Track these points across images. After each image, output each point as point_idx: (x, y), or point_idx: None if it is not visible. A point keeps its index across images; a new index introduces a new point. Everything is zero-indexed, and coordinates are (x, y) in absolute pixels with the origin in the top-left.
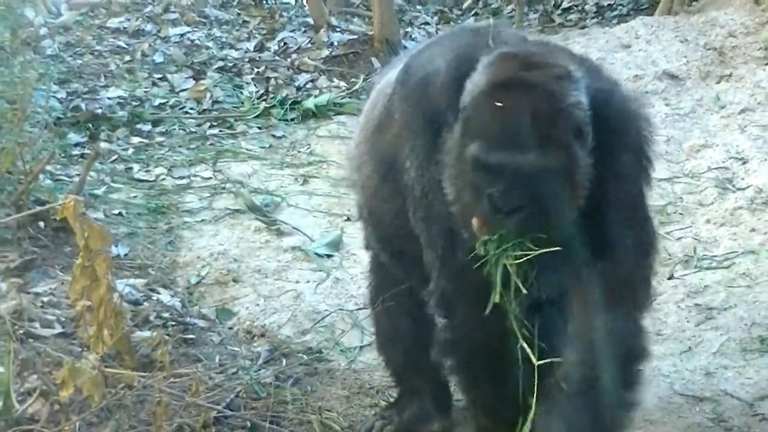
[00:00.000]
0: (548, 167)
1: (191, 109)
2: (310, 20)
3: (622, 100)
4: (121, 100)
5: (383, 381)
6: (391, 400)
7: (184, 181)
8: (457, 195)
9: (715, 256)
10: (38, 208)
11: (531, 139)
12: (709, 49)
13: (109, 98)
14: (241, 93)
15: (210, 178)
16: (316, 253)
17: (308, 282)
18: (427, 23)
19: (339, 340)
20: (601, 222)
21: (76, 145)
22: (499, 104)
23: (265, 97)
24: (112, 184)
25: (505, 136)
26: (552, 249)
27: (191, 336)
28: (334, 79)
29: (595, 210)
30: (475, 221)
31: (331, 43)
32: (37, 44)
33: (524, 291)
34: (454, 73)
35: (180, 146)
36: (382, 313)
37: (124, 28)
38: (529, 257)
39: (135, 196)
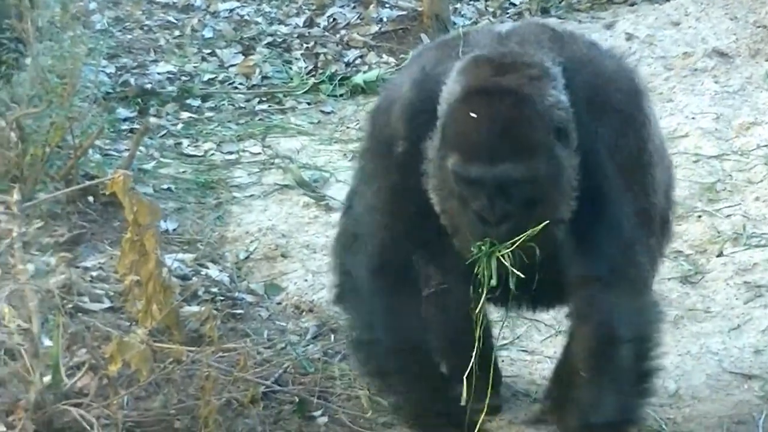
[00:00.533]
0: (531, 175)
1: (240, 84)
2: None
3: (597, 66)
4: (170, 75)
5: None
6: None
7: (233, 156)
8: (443, 206)
9: (764, 233)
10: (87, 183)
11: (510, 148)
12: (759, 27)
13: (158, 73)
14: (290, 68)
15: (259, 153)
16: None
17: None
18: None
19: None
20: (596, 196)
21: (125, 119)
22: (474, 114)
23: (314, 73)
24: (161, 159)
25: (482, 147)
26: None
27: (239, 311)
28: (383, 55)
29: (590, 184)
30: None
31: (381, 19)
32: (87, 19)
33: (521, 276)
34: (417, 92)
35: (229, 121)
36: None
37: (174, 2)
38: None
39: (184, 171)
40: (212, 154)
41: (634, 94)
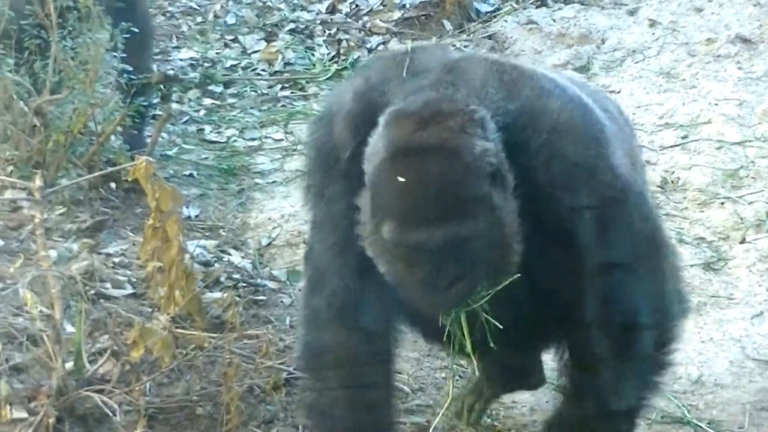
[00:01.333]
0: (474, 231)
1: (263, 70)
2: None
3: (550, 117)
4: (192, 62)
5: None
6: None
7: (255, 143)
8: (386, 271)
9: None
10: (110, 169)
11: (447, 209)
12: None
13: (180, 60)
14: (313, 55)
15: (281, 139)
16: None
17: None
18: None
19: None
20: (575, 236)
21: (148, 106)
22: (402, 177)
23: (336, 59)
24: (184, 146)
25: (417, 212)
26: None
27: (262, 297)
28: (406, 42)
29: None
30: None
31: (403, 5)
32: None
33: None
34: (359, 103)
35: (251, 108)
36: None
37: None
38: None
39: (206, 158)
40: (235, 141)
41: (593, 147)
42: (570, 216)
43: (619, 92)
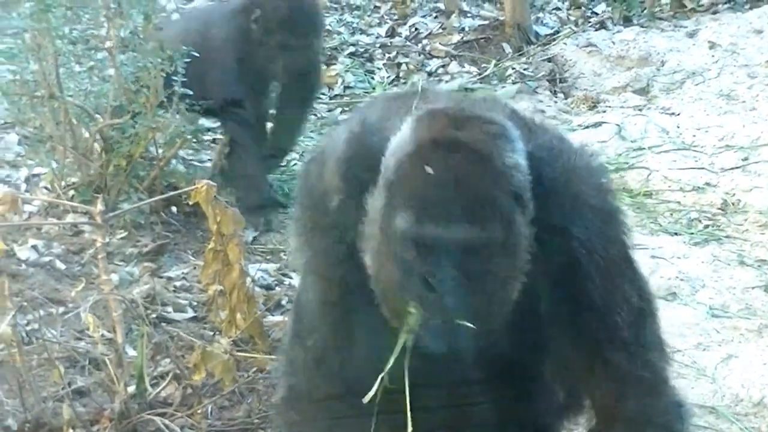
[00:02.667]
0: (488, 238)
1: (322, 94)
2: (441, 5)
3: (568, 160)
4: None
5: None
6: None
7: None
8: (380, 270)
9: None
10: (171, 193)
11: (468, 208)
12: None
13: None
14: (372, 78)
15: None
16: None
17: None
18: (558, 8)
19: None
20: (576, 297)
21: (208, 130)
22: (428, 167)
23: (396, 83)
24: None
25: (437, 205)
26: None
27: None
28: (465, 65)
29: (563, 287)
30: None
31: (462, 29)
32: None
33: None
34: (355, 146)
35: (311, 131)
36: None
37: None
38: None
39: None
40: (294, 164)
41: (608, 192)
42: (579, 255)
43: (678, 114)
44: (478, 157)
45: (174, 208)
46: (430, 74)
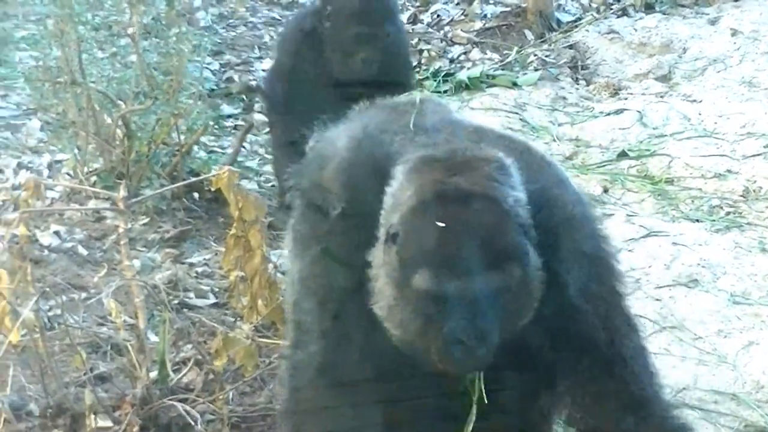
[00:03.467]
0: (510, 282)
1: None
2: None
3: (568, 207)
4: None
5: None
6: None
7: None
8: (404, 329)
9: None
10: (193, 179)
11: (486, 257)
12: None
13: (263, 70)
14: None
15: None
16: None
17: None
18: None
19: None
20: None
21: (230, 116)
22: (439, 222)
23: (418, 69)
24: (266, 156)
25: (456, 259)
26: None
27: None
28: (487, 52)
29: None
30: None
31: (484, 15)
32: (192, 16)
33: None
34: (357, 152)
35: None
36: None
37: None
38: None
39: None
40: None
41: (602, 240)
42: (575, 299)
43: (700, 101)
44: (485, 200)
45: (196, 194)
46: (451, 61)
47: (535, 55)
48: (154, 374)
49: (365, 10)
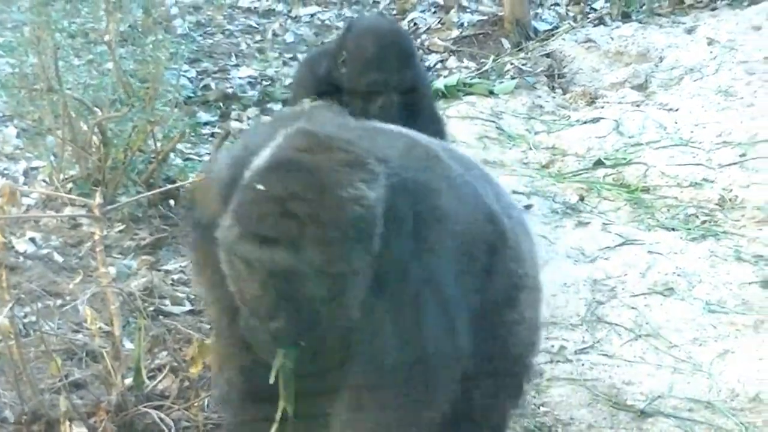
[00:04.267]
0: (307, 267)
1: None
2: (440, 0)
3: (435, 196)
4: (251, 80)
5: None
6: None
7: None
8: (234, 288)
9: None
10: (169, 186)
11: (288, 233)
12: None
13: (239, 78)
14: None
15: None
16: None
17: None
18: (557, 4)
19: None
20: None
21: (206, 124)
22: (262, 186)
23: None
24: None
25: (259, 225)
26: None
27: None
28: (464, 60)
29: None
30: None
31: (461, 24)
32: (168, 24)
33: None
34: (234, 170)
35: None
36: None
37: (255, 7)
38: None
39: None
40: None
41: (468, 242)
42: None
43: (677, 110)
44: (317, 182)
45: (172, 202)
46: (428, 69)
47: (512, 64)
48: (129, 381)
49: (382, 56)
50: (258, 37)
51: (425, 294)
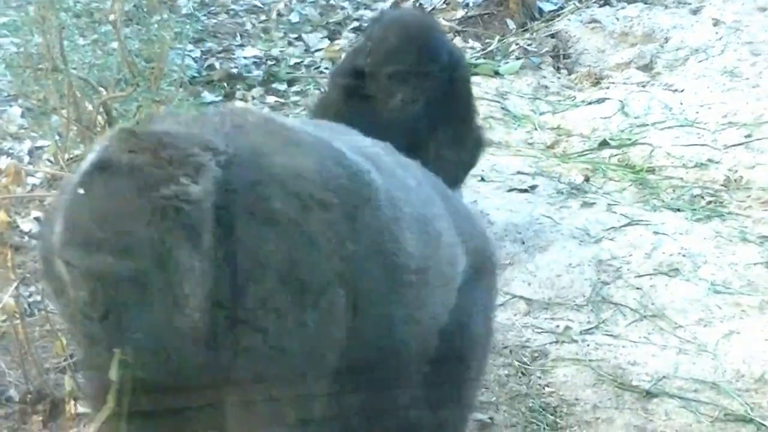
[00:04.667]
0: (131, 271)
1: (326, 68)
2: None
3: (269, 160)
4: (256, 60)
5: (516, 341)
6: (525, 359)
7: None
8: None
9: None
10: None
11: (112, 237)
12: None
13: (244, 58)
14: None
15: None
16: None
17: None
18: None
19: None
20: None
21: (211, 103)
22: (81, 189)
23: None
24: None
25: (82, 231)
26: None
27: None
28: (469, 40)
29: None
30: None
31: (466, 4)
32: (173, 3)
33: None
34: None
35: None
36: None
37: None
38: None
39: None
40: None
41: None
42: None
43: (682, 91)
44: (133, 182)
45: None
46: None
47: (517, 44)
48: None
49: (403, 47)
50: (263, 17)
51: (270, 279)
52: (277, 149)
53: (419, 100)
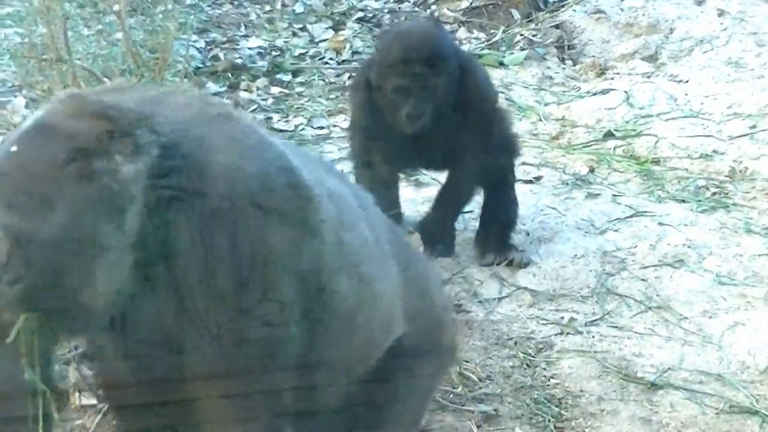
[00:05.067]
0: (54, 237)
1: (331, 59)
2: None
3: (202, 144)
4: (260, 50)
5: (521, 332)
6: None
7: (323, 131)
8: None
9: None
10: None
11: (33, 200)
12: None
13: (249, 48)
14: None
15: None
16: None
17: None
18: None
19: (477, 291)
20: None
21: (215, 94)
22: (14, 148)
23: None
24: None
25: (5, 190)
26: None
27: None
28: (474, 31)
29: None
30: None
31: None
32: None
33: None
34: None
35: (319, 96)
36: None
37: None
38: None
39: None
40: (302, 129)
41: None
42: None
43: (687, 82)
44: (65, 148)
45: None
46: None
47: (522, 35)
48: None
49: (407, 59)
50: (267, 8)
51: (192, 274)
52: (223, 147)
53: (425, 114)
